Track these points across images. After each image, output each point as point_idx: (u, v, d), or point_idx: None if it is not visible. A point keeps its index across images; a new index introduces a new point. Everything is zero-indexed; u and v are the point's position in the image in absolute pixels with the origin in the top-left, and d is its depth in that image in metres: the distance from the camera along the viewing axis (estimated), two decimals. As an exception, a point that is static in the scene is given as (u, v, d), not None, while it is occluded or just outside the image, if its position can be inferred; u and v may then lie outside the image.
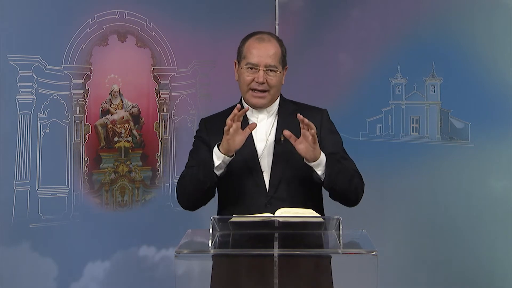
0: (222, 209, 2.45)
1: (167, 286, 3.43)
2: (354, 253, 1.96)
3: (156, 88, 3.61)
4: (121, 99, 3.48)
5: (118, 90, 3.47)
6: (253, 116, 2.41)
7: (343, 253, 1.95)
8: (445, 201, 3.52)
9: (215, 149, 2.26)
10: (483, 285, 3.39)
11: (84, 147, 3.35)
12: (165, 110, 3.65)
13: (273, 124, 2.40)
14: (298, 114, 2.19)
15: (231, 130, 2.21)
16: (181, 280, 1.93)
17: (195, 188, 2.33)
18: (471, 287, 3.42)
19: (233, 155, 2.25)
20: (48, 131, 3.21)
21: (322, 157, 2.24)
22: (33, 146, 3.15)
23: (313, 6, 4.05)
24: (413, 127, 3.68)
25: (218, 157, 2.25)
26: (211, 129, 2.43)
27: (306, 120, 2.17)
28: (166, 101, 3.65)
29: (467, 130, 3.45)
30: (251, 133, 2.30)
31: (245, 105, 2.38)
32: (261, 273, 1.96)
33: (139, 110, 3.56)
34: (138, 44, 3.53)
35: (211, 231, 1.98)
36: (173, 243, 2.22)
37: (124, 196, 3.51)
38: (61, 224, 3.25)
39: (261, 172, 2.35)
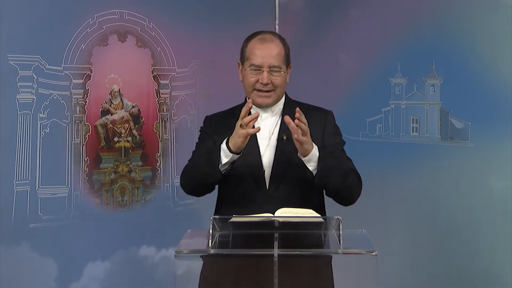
0: (221, 206, 2.45)
1: (167, 286, 3.43)
2: (354, 253, 1.96)
3: (156, 88, 3.61)
4: (121, 99, 3.48)
5: (118, 90, 3.47)
6: None
7: (343, 253, 1.95)
8: (445, 201, 3.52)
9: (224, 146, 2.25)
10: (483, 285, 3.39)
11: (84, 147, 3.35)
12: (165, 110, 3.65)
13: (276, 123, 2.40)
14: (297, 108, 2.17)
15: (243, 131, 2.20)
16: (181, 280, 1.93)
17: (198, 180, 2.34)
18: (471, 287, 3.42)
19: (240, 153, 2.26)
20: (48, 131, 3.20)
21: (314, 152, 2.24)
22: (33, 146, 3.15)
23: (313, 6, 4.05)
24: (413, 127, 3.68)
25: (226, 155, 2.25)
26: (215, 127, 2.44)
27: (297, 115, 2.17)
28: (166, 101, 3.65)
29: (467, 130, 3.45)
30: None
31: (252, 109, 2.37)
32: (261, 273, 1.96)
33: (139, 110, 3.56)
34: (138, 44, 3.53)
35: (211, 231, 1.98)
36: (173, 243, 2.22)
37: (124, 196, 3.50)
38: (61, 224, 3.25)
39: (262, 170, 2.35)
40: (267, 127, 2.38)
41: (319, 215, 2.20)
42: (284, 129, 2.32)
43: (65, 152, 3.29)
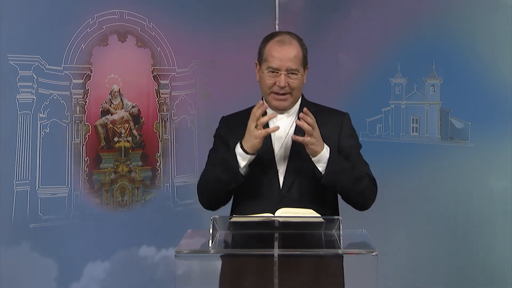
0: (236, 206, 2.45)
1: (167, 286, 3.43)
2: (354, 253, 1.96)
3: (156, 88, 3.61)
4: (121, 99, 3.48)
5: (118, 90, 3.47)
6: None
7: (343, 253, 1.95)
8: (445, 201, 3.52)
9: (239, 150, 2.26)
10: (483, 285, 3.39)
11: (84, 147, 3.35)
12: (165, 110, 3.65)
13: (292, 124, 2.39)
14: (305, 109, 2.19)
15: (262, 131, 2.22)
16: (181, 280, 1.93)
17: (219, 189, 2.34)
18: (471, 287, 3.42)
19: (255, 154, 2.27)
20: (48, 131, 3.20)
21: (324, 153, 2.24)
22: (33, 146, 3.15)
23: (313, 6, 4.05)
24: (413, 127, 3.69)
25: (244, 158, 2.26)
26: (230, 127, 2.44)
27: (301, 115, 2.19)
28: (166, 101, 3.65)
29: (467, 130, 3.45)
30: None
31: (268, 110, 2.37)
32: (261, 273, 1.96)
33: (139, 110, 3.56)
34: (138, 44, 3.53)
35: (211, 231, 1.98)
36: (173, 243, 2.22)
37: (124, 196, 3.50)
38: (61, 224, 3.25)
39: (276, 171, 2.36)
40: (282, 127, 2.37)
41: (319, 215, 2.20)
42: (299, 130, 2.32)
43: (65, 152, 3.29)
